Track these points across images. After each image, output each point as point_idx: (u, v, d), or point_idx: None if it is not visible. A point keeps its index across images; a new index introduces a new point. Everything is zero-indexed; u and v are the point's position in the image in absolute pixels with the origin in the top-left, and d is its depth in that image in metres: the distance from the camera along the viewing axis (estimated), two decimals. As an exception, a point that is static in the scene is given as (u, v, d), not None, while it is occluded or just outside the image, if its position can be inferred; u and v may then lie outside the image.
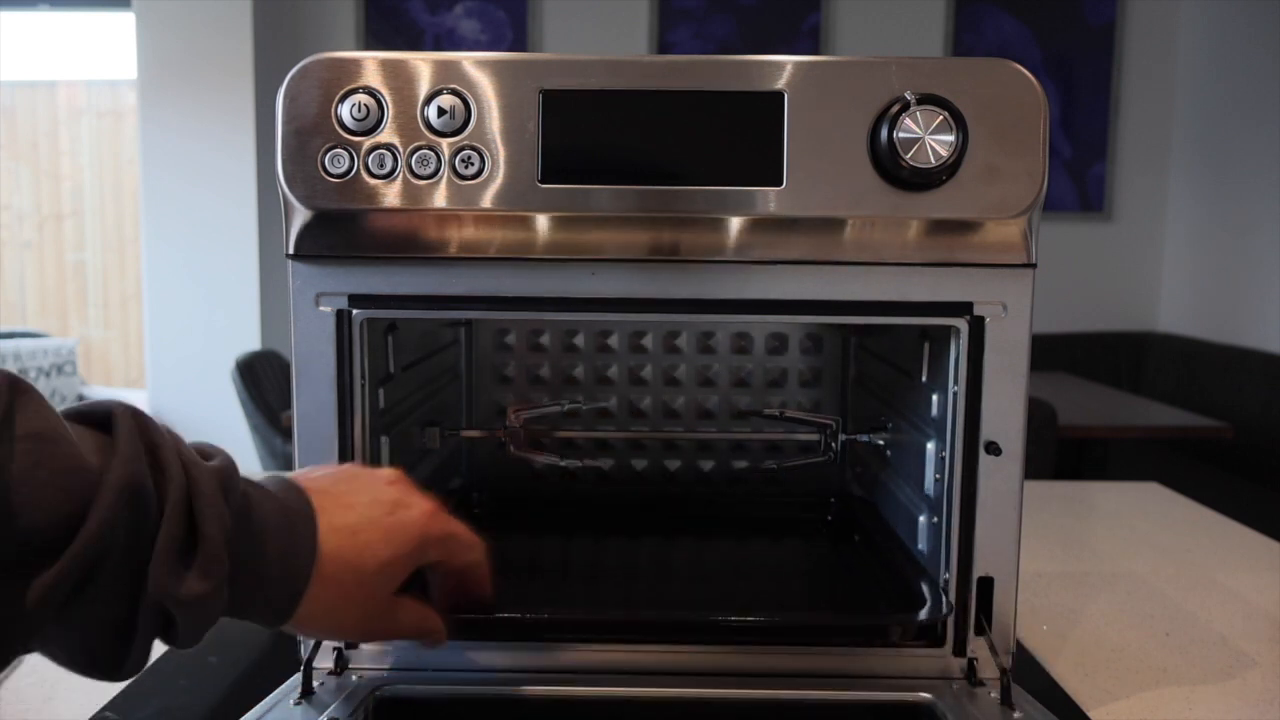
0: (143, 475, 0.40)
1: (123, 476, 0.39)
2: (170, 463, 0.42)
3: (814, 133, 0.58)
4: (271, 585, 0.46)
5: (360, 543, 0.48)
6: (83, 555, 0.38)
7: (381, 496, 0.51)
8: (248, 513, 0.45)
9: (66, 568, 0.37)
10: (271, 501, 0.46)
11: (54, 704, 0.65)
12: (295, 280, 0.61)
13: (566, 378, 1.00)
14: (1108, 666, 0.72)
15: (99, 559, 0.38)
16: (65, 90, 5.14)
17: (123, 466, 0.39)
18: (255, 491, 0.46)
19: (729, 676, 0.64)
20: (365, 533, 0.49)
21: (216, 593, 0.42)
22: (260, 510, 0.45)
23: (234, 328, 3.29)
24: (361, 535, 0.48)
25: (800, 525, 0.93)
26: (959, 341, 0.62)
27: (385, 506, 0.50)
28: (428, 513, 0.52)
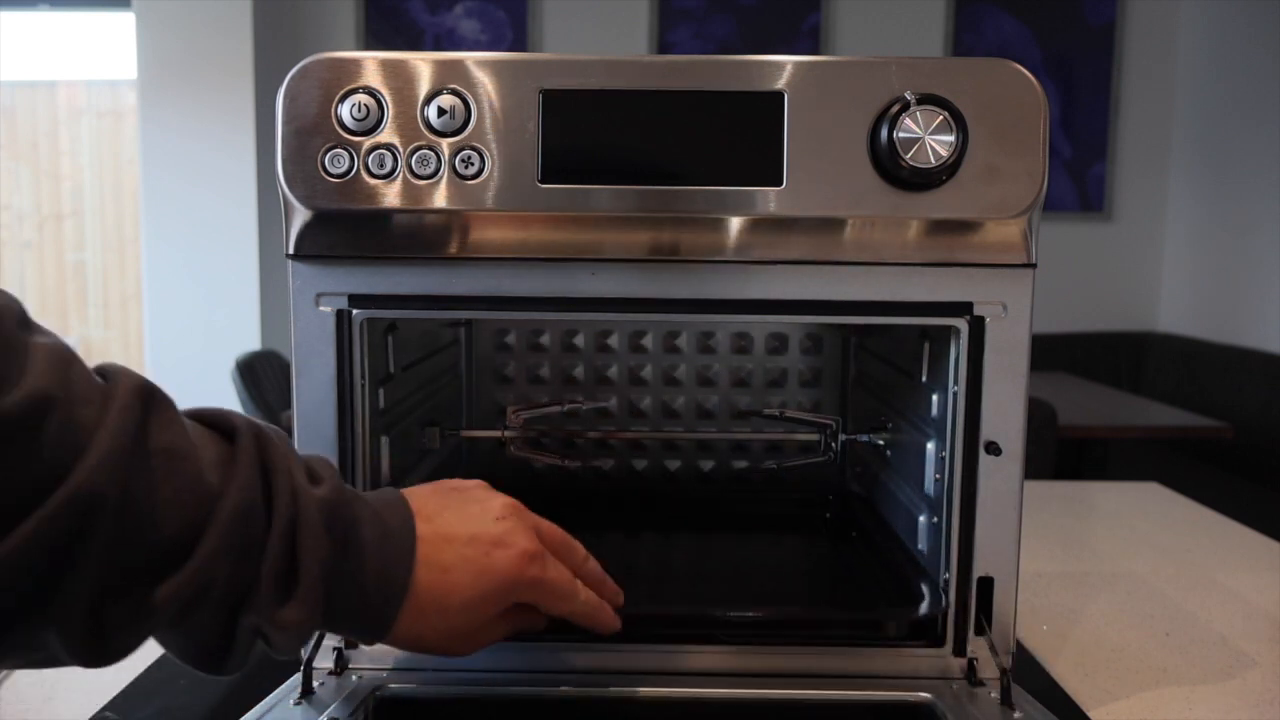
0: (256, 502, 0.42)
1: (238, 503, 0.41)
2: (281, 491, 0.43)
3: (814, 133, 0.58)
4: (365, 609, 0.47)
5: (450, 581, 0.49)
6: (198, 575, 0.40)
7: (484, 533, 0.51)
8: (351, 542, 0.46)
9: (186, 580, 0.40)
10: (375, 525, 0.47)
11: (54, 704, 0.65)
12: (295, 280, 0.61)
13: (566, 378, 1.00)
14: (1108, 666, 0.72)
15: (208, 583, 0.40)
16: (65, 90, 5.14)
17: (239, 493, 0.41)
18: (363, 514, 0.47)
19: (729, 676, 0.64)
20: (456, 572, 0.49)
21: (311, 621, 0.44)
22: (362, 537, 0.46)
23: (234, 328, 3.29)
24: (452, 574, 0.49)
25: (799, 524, 0.93)
26: (959, 341, 0.62)
27: (483, 546, 0.51)
28: (525, 555, 0.51)
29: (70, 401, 0.37)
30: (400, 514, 0.49)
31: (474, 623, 0.51)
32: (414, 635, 0.49)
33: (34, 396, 0.35)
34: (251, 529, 0.42)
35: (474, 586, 0.50)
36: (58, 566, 0.36)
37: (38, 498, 0.35)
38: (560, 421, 0.97)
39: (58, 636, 0.38)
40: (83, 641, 0.38)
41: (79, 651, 0.39)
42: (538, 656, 0.64)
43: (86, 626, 0.38)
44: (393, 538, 0.48)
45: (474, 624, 0.51)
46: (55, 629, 0.38)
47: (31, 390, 0.35)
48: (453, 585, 0.49)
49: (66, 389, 0.37)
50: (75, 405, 0.37)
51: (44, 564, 0.36)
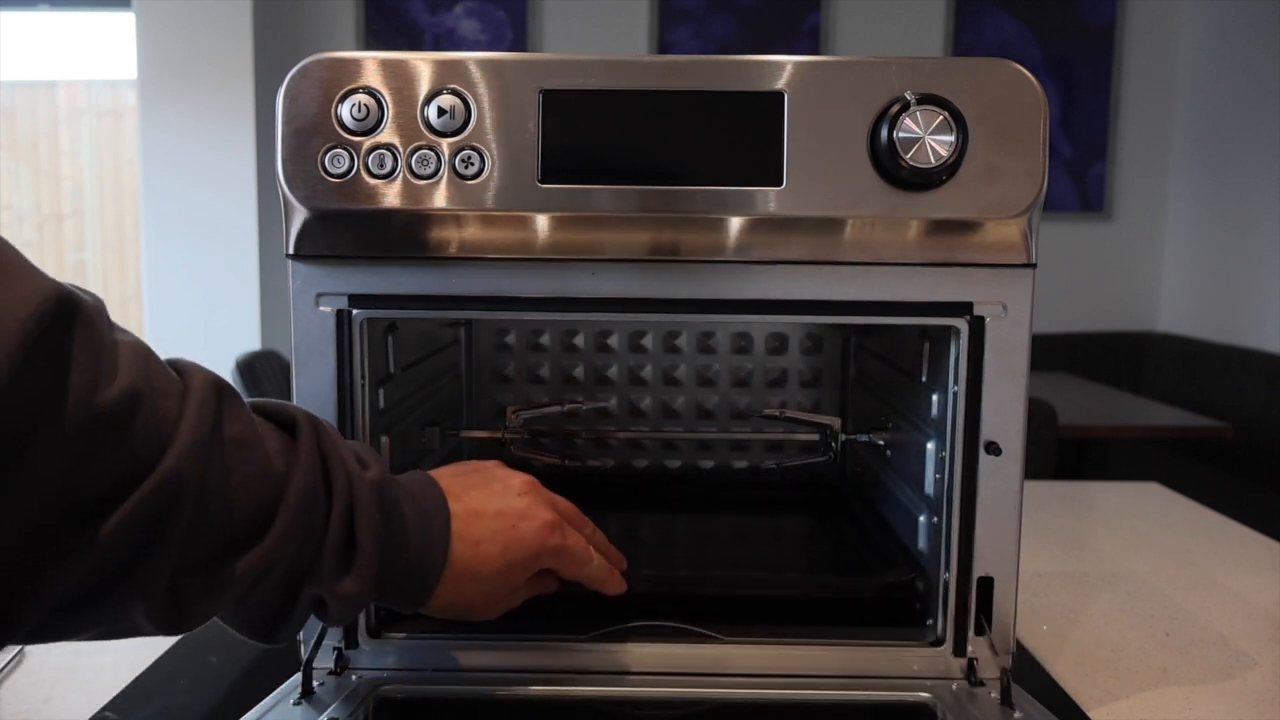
0: (317, 485, 0.47)
1: (302, 488, 0.46)
2: (337, 475, 0.48)
3: (814, 133, 0.58)
4: (409, 580, 0.52)
5: (481, 553, 0.54)
6: (270, 553, 0.44)
7: (509, 508, 0.56)
8: (395, 519, 0.51)
9: (256, 561, 0.44)
10: (414, 505, 0.53)
11: (54, 704, 0.65)
12: (295, 280, 0.61)
13: (566, 378, 1.00)
14: (1108, 666, 0.72)
15: (276, 560, 0.45)
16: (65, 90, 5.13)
17: (303, 478, 0.46)
18: (403, 495, 0.52)
19: (729, 676, 0.64)
20: (487, 544, 0.55)
21: (367, 592, 0.49)
22: (405, 515, 0.52)
23: (234, 328, 3.29)
24: (483, 546, 0.54)
25: (796, 520, 0.94)
26: (959, 341, 0.62)
27: (510, 519, 0.56)
28: (547, 525, 0.57)
29: (154, 395, 0.41)
30: (433, 495, 0.54)
31: (503, 589, 0.56)
32: (449, 602, 0.54)
33: (127, 392, 0.39)
34: (314, 510, 0.47)
35: (503, 556, 0.55)
36: (147, 544, 0.40)
37: (134, 482, 0.39)
38: (560, 421, 0.97)
39: (142, 607, 0.42)
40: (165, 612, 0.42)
41: (161, 621, 0.43)
42: (537, 656, 0.64)
43: (168, 599, 0.42)
44: (430, 517, 0.53)
45: (503, 589, 0.56)
46: (141, 601, 0.41)
47: (125, 386, 0.39)
48: (484, 556, 0.54)
49: (150, 383, 0.41)
50: (159, 398, 0.41)
51: (138, 541, 0.40)
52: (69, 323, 0.38)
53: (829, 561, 0.85)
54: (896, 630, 0.67)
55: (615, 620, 0.65)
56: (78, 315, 0.38)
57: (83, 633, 0.43)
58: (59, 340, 0.37)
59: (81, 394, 0.37)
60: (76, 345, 0.38)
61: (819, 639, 0.65)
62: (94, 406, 0.37)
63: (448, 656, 0.65)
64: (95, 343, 0.39)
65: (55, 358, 0.37)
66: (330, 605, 0.48)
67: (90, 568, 0.39)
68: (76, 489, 0.38)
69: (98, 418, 0.38)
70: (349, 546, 0.48)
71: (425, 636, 0.65)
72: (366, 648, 0.64)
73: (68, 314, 0.38)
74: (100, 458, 0.38)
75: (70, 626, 0.42)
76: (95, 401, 0.38)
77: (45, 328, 0.36)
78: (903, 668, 0.64)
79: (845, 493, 0.94)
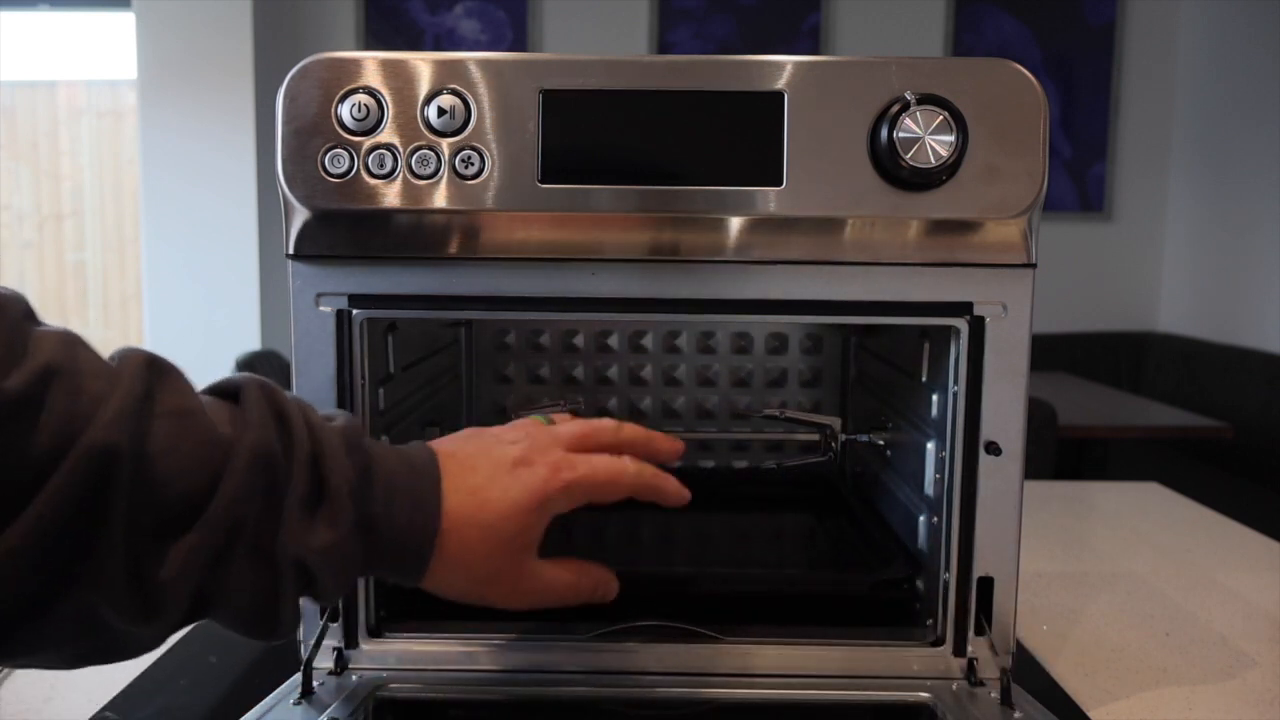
0: (271, 441, 0.43)
1: (253, 444, 0.42)
2: (297, 427, 0.45)
3: (814, 133, 0.58)
4: (401, 538, 0.47)
5: (480, 499, 0.49)
6: (221, 519, 0.41)
7: (504, 455, 0.51)
8: (372, 466, 0.47)
9: (207, 532, 0.41)
10: (397, 457, 0.49)
11: (54, 704, 0.65)
12: (295, 280, 0.61)
13: (566, 378, 1.00)
14: (1108, 666, 0.72)
15: (237, 524, 0.41)
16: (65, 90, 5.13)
17: (252, 434, 0.43)
18: (380, 449, 0.48)
19: (729, 676, 0.64)
20: (485, 490, 0.50)
21: (345, 542, 0.45)
22: (385, 465, 0.47)
23: (234, 328, 3.29)
24: (481, 493, 0.50)
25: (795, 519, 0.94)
26: (959, 341, 0.62)
27: (506, 465, 0.51)
28: (548, 467, 0.51)
29: (78, 374, 0.38)
30: (420, 449, 0.51)
31: (514, 543, 0.50)
32: (458, 567, 0.49)
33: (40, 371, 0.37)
34: (272, 468, 0.43)
35: (505, 499, 0.50)
36: (86, 526, 0.38)
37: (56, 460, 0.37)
38: (560, 421, 0.97)
39: (106, 600, 0.39)
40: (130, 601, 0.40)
41: (130, 612, 0.40)
42: (537, 656, 0.64)
43: (130, 585, 0.39)
44: (418, 469, 0.49)
45: (514, 545, 0.50)
46: (102, 591, 0.39)
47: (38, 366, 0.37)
48: (484, 502, 0.49)
49: (74, 365, 0.39)
50: (84, 377, 0.39)
51: (74, 525, 0.37)
52: None
53: (829, 561, 0.85)
54: (896, 630, 0.67)
55: (615, 620, 0.65)
56: None
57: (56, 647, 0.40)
58: None
59: None
60: None
61: (819, 639, 0.65)
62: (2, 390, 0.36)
63: (448, 656, 0.65)
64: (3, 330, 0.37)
65: None
66: (312, 567, 0.44)
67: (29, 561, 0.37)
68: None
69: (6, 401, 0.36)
70: (317, 490, 0.45)
71: (425, 637, 0.65)
72: (366, 648, 0.64)
73: None
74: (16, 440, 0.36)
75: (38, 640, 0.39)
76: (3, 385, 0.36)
77: None
78: (903, 668, 0.64)
79: (845, 493, 0.94)
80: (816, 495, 0.96)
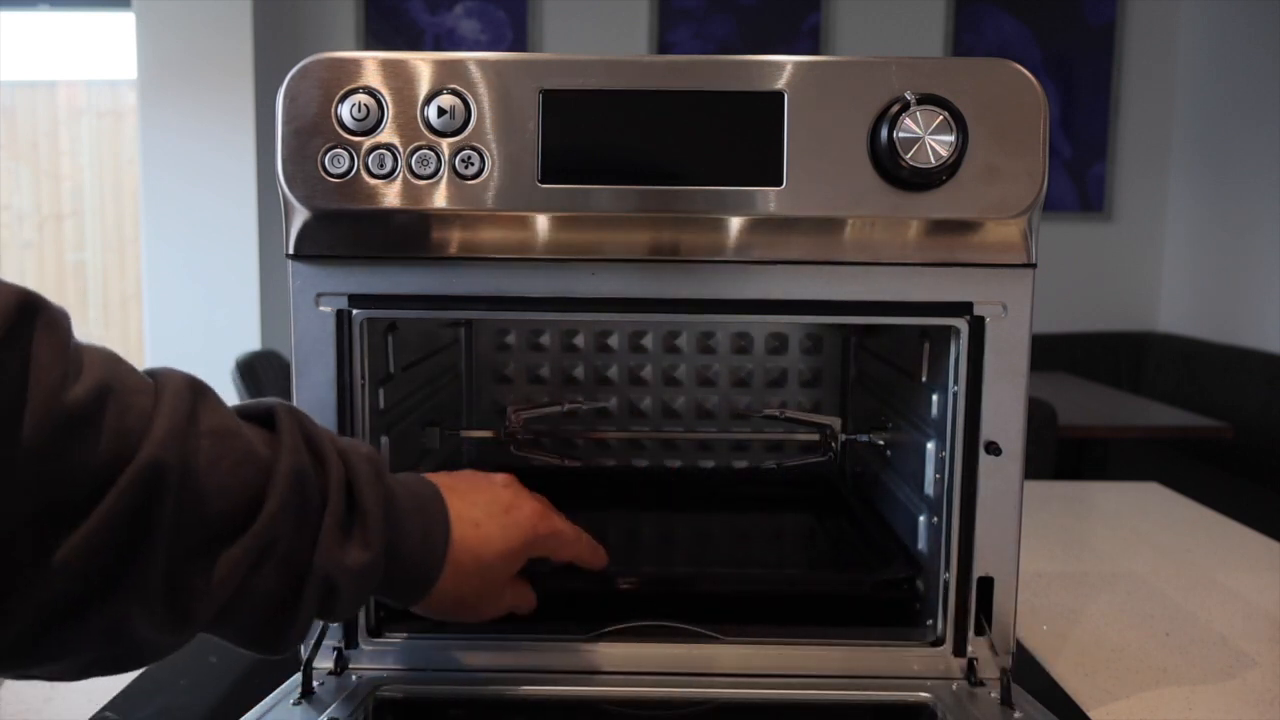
0: (306, 463, 0.46)
1: (290, 465, 0.45)
2: (328, 453, 0.48)
3: (814, 133, 0.58)
4: (412, 563, 0.51)
5: (482, 534, 0.55)
6: (261, 536, 0.43)
7: (498, 497, 0.57)
8: (393, 495, 0.50)
9: (247, 547, 0.43)
10: (407, 489, 0.52)
11: (54, 704, 0.65)
12: (295, 280, 0.61)
13: (566, 378, 1.00)
14: (1108, 666, 0.72)
15: (273, 540, 0.44)
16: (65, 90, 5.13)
17: (290, 456, 0.45)
18: (396, 479, 0.52)
19: (729, 676, 0.64)
20: (485, 526, 0.55)
21: (377, 562, 0.48)
22: (401, 495, 0.51)
23: (234, 328, 3.29)
24: (483, 528, 0.55)
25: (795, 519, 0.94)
26: (959, 341, 0.62)
27: (501, 505, 0.57)
28: (537, 513, 0.58)
29: (125, 392, 0.40)
30: (425, 483, 0.54)
31: (500, 578, 0.56)
32: (450, 591, 0.54)
33: (96, 388, 0.39)
34: (307, 488, 0.45)
35: (502, 537, 0.55)
36: (134, 538, 0.39)
37: (112, 476, 0.39)
38: (560, 421, 0.97)
39: (141, 610, 0.40)
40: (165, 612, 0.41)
41: (163, 623, 0.41)
42: (537, 656, 0.64)
43: (166, 597, 0.41)
44: (428, 500, 0.53)
45: (500, 579, 0.56)
46: (138, 603, 0.40)
47: (93, 382, 0.39)
48: (485, 538, 0.54)
49: (121, 382, 0.40)
50: (131, 395, 0.40)
51: (123, 536, 0.39)
52: (30, 323, 0.37)
53: (829, 561, 0.85)
54: (896, 630, 0.67)
55: (615, 620, 0.65)
56: (39, 316, 0.38)
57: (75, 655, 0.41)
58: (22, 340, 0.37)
59: (49, 391, 0.37)
60: (40, 345, 0.37)
61: (819, 639, 0.65)
62: (63, 403, 0.37)
63: (448, 656, 0.65)
64: (60, 343, 0.38)
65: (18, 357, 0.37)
66: (340, 584, 0.47)
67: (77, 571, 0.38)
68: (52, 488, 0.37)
69: (67, 414, 0.37)
70: (351, 513, 0.48)
71: (425, 636, 0.65)
72: (366, 648, 0.64)
73: (29, 315, 0.38)
74: (74, 455, 0.38)
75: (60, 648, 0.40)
76: (64, 398, 0.37)
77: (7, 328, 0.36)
78: (903, 668, 0.64)
79: (845, 493, 0.94)
80: (816, 495, 0.96)
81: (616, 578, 0.68)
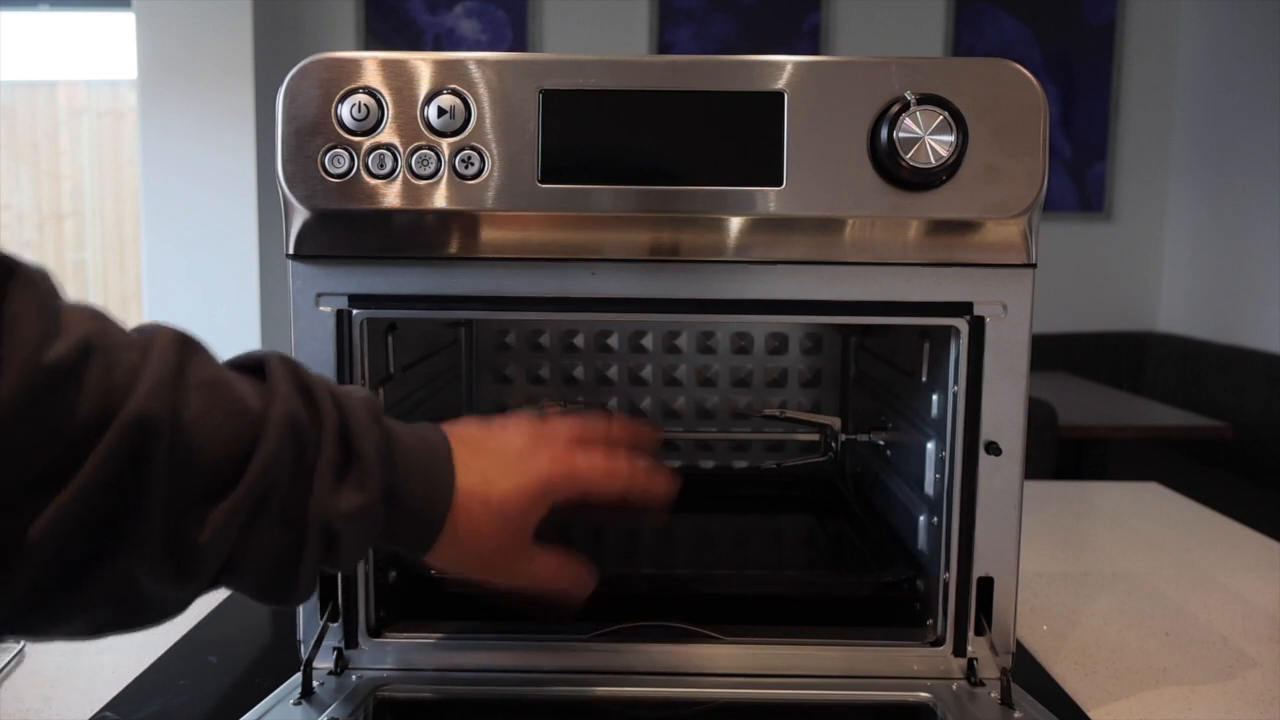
0: (299, 411, 0.45)
1: (283, 412, 0.44)
2: (323, 398, 0.46)
3: (814, 133, 0.58)
4: (417, 508, 0.50)
5: (489, 481, 0.52)
6: (255, 486, 0.42)
7: (510, 443, 0.54)
8: (393, 439, 0.49)
9: (242, 498, 0.42)
10: (412, 433, 0.51)
11: (54, 704, 0.65)
12: (295, 280, 0.61)
13: (566, 378, 1.00)
14: (1108, 666, 0.72)
15: (268, 489, 0.43)
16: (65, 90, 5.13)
17: (282, 404, 0.44)
18: (398, 425, 0.51)
19: (728, 676, 0.64)
20: (493, 473, 0.52)
21: (373, 507, 0.47)
22: (404, 440, 0.50)
23: (234, 328, 3.29)
24: (490, 475, 0.52)
25: (794, 520, 0.94)
26: (959, 341, 0.62)
27: (513, 452, 0.54)
28: (551, 458, 0.54)
29: (111, 348, 0.40)
30: (432, 429, 0.53)
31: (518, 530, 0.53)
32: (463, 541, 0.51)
33: (78, 344, 0.38)
34: (301, 435, 0.44)
35: (511, 483, 0.52)
36: (128, 490, 0.39)
37: (99, 430, 0.38)
38: (560, 421, 0.97)
39: (143, 564, 0.40)
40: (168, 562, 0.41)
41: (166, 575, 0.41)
42: (537, 656, 0.64)
43: (167, 552, 0.41)
44: (433, 446, 0.51)
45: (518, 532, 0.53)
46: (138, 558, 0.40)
47: (76, 339, 0.38)
48: (492, 483, 0.52)
49: (106, 339, 0.40)
50: (118, 351, 0.40)
51: (116, 491, 0.39)
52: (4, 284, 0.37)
53: (829, 561, 0.85)
54: (896, 630, 0.67)
55: (615, 620, 0.65)
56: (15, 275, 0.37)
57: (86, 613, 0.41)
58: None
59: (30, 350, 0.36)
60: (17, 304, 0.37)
61: (819, 639, 0.65)
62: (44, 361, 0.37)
63: (448, 656, 0.65)
64: (39, 302, 0.38)
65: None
66: (340, 530, 0.45)
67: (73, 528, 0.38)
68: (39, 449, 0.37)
69: (49, 371, 0.37)
70: (346, 457, 0.46)
71: (425, 637, 0.65)
72: (366, 648, 0.64)
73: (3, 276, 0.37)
74: (58, 413, 0.37)
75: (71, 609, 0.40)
76: (45, 356, 0.37)
77: None
78: (903, 668, 0.64)
79: (845, 493, 0.94)
80: (816, 495, 0.96)
81: (616, 578, 0.68)
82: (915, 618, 0.69)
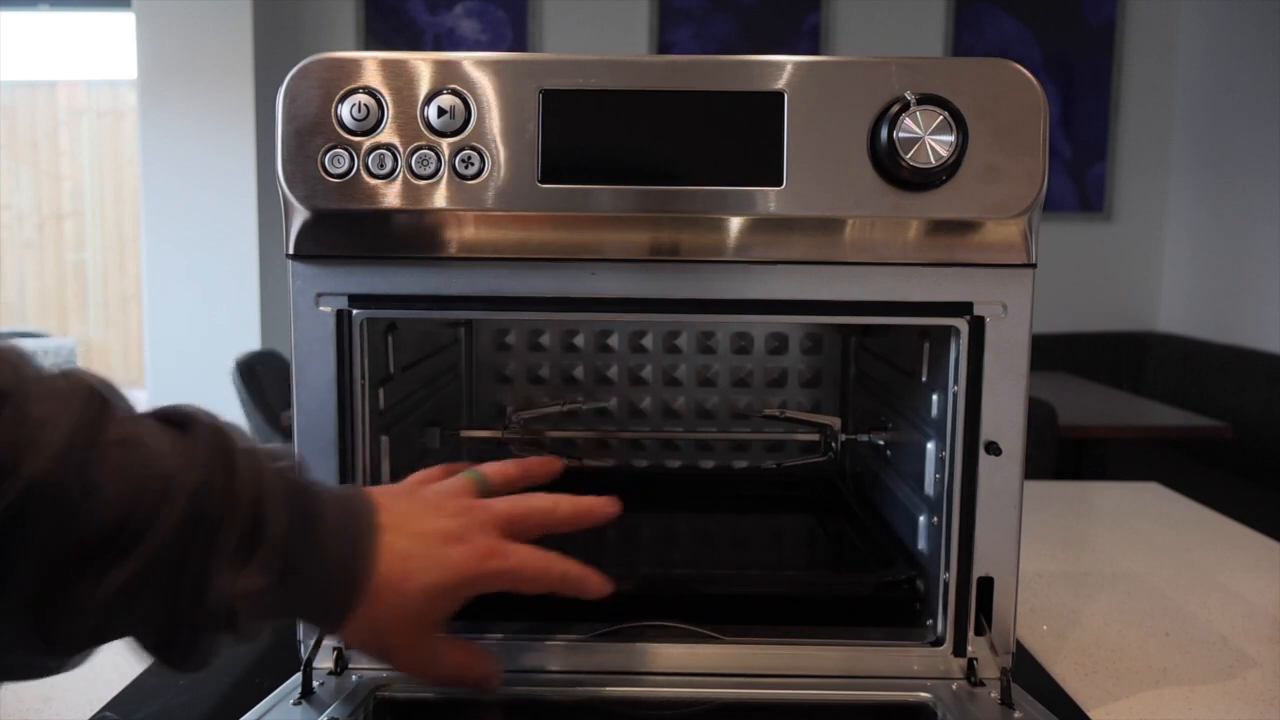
0: (214, 479, 0.42)
1: (194, 481, 0.41)
2: (242, 469, 0.44)
3: (814, 133, 0.58)
4: (328, 590, 0.47)
5: (408, 568, 0.49)
6: (152, 556, 0.40)
7: (438, 528, 0.51)
8: (311, 516, 0.46)
9: (136, 568, 0.39)
10: (338, 508, 0.48)
11: (54, 704, 0.65)
12: (295, 280, 0.61)
13: (566, 378, 1.00)
14: (1108, 666, 0.72)
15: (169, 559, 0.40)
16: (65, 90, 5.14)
17: (195, 472, 0.42)
18: (322, 497, 0.48)
19: (728, 676, 0.64)
20: (414, 560, 0.50)
21: (272, 589, 0.44)
22: (325, 517, 0.47)
23: (234, 328, 3.29)
24: (411, 562, 0.49)
25: (794, 520, 0.94)
26: (959, 341, 0.62)
27: (440, 538, 0.51)
28: (479, 552, 0.51)
29: (25, 398, 0.38)
30: (361, 499, 0.50)
31: (428, 616, 0.51)
32: (370, 624, 0.49)
33: None
34: (210, 505, 0.42)
35: (430, 575, 0.50)
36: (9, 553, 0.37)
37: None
38: (560, 421, 0.97)
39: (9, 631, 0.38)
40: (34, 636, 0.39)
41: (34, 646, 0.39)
42: (537, 656, 0.64)
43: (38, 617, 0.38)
44: (355, 518, 0.49)
45: (427, 618, 0.51)
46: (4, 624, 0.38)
47: None
48: (410, 572, 0.49)
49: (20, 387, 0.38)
50: (30, 401, 0.38)
51: None
52: None
53: (829, 561, 0.85)
54: (896, 630, 0.67)
55: (615, 620, 0.65)
56: None
57: None
58: None
59: None
60: None
61: (819, 639, 0.65)
62: None
63: (448, 656, 0.65)
64: None
65: None
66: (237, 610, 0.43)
67: None
68: None
69: None
70: (255, 535, 0.44)
71: (425, 636, 0.65)
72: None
73: None
74: None
75: None
76: None
77: None
78: (903, 668, 0.64)
79: (845, 493, 0.94)
80: (816, 495, 0.96)
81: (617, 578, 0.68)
82: (915, 618, 0.69)
